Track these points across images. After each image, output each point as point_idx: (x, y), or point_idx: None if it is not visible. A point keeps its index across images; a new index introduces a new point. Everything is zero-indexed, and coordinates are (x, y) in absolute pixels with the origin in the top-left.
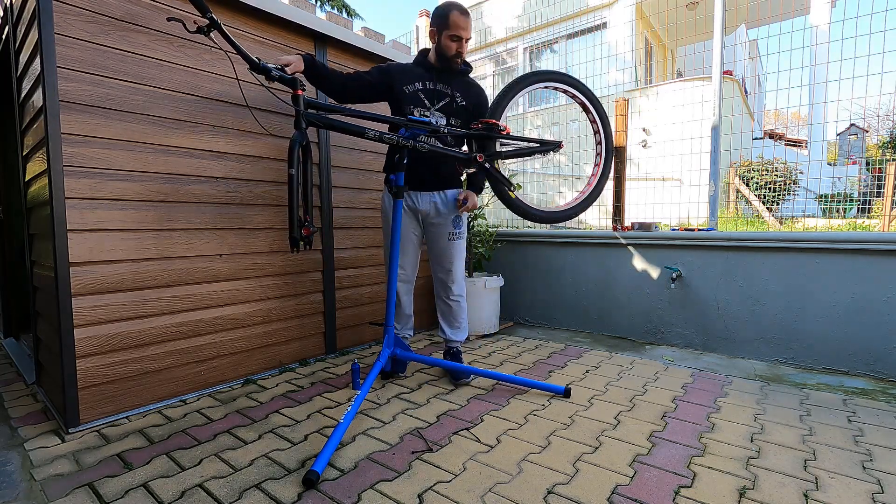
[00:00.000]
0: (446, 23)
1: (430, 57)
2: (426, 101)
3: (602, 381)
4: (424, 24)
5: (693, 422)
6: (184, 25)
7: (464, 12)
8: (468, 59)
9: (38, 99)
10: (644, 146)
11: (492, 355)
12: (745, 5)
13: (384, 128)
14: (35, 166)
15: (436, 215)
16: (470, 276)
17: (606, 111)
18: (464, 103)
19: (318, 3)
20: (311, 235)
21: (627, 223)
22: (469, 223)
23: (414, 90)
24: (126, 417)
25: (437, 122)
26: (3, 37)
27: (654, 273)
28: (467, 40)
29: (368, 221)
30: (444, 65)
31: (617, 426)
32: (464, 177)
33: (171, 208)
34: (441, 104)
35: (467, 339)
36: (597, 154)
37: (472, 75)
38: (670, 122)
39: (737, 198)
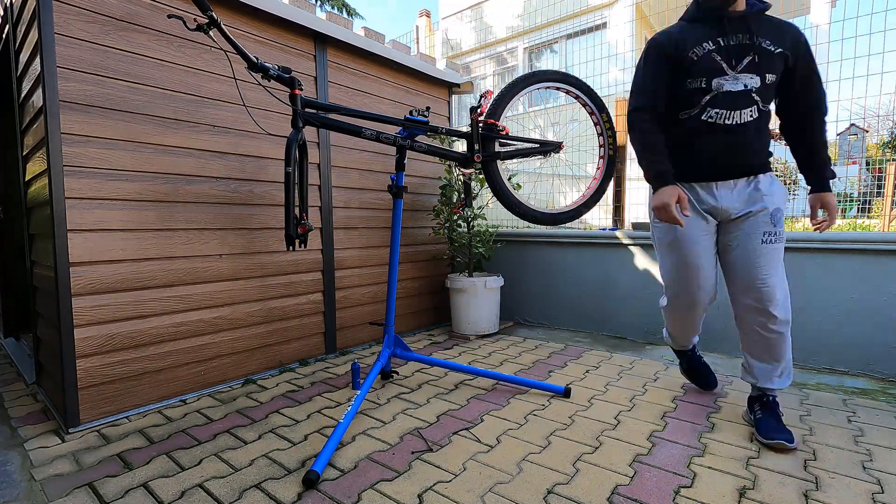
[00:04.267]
0: None
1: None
2: (723, 64)
3: (602, 381)
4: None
5: (693, 422)
6: (184, 23)
7: None
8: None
9: (38, 99)
10: None
11: (492, 355)
12: None
13: (383, 127)
14: (35, 166)
15: (744, 210)
16: (470, 276)
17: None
18: (779, 49)
19: (318, 2)
20: (307, 233)
21: (627, 224)
22: (469, 223)
23: (704, 53)
24: (126, 417)
25: (749, 87)
26: (3, 36)
27: (655, 273)
28: None
29: (368, 221)
30: (723, 4)
31: (617, 426)
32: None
33: (172, 208)
34: (747, 61)
35: (467, 339)
36: (600, 147)
37: (472, 75)
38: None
39: None
